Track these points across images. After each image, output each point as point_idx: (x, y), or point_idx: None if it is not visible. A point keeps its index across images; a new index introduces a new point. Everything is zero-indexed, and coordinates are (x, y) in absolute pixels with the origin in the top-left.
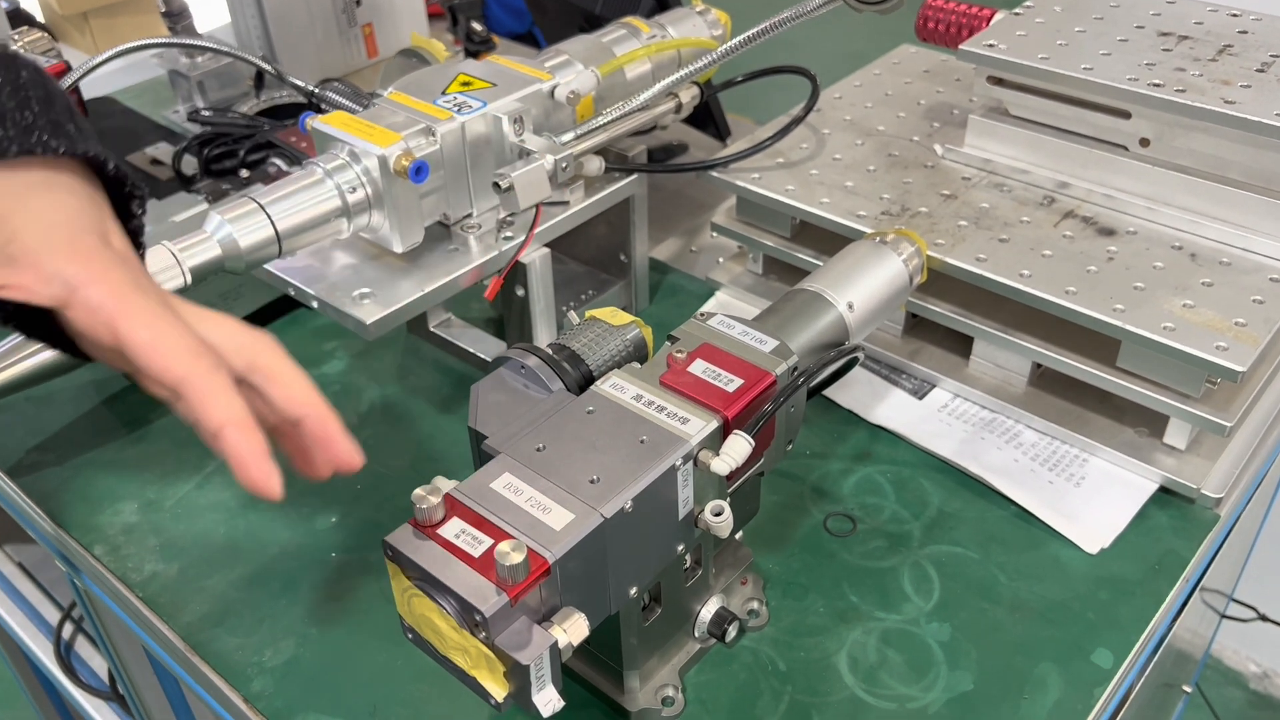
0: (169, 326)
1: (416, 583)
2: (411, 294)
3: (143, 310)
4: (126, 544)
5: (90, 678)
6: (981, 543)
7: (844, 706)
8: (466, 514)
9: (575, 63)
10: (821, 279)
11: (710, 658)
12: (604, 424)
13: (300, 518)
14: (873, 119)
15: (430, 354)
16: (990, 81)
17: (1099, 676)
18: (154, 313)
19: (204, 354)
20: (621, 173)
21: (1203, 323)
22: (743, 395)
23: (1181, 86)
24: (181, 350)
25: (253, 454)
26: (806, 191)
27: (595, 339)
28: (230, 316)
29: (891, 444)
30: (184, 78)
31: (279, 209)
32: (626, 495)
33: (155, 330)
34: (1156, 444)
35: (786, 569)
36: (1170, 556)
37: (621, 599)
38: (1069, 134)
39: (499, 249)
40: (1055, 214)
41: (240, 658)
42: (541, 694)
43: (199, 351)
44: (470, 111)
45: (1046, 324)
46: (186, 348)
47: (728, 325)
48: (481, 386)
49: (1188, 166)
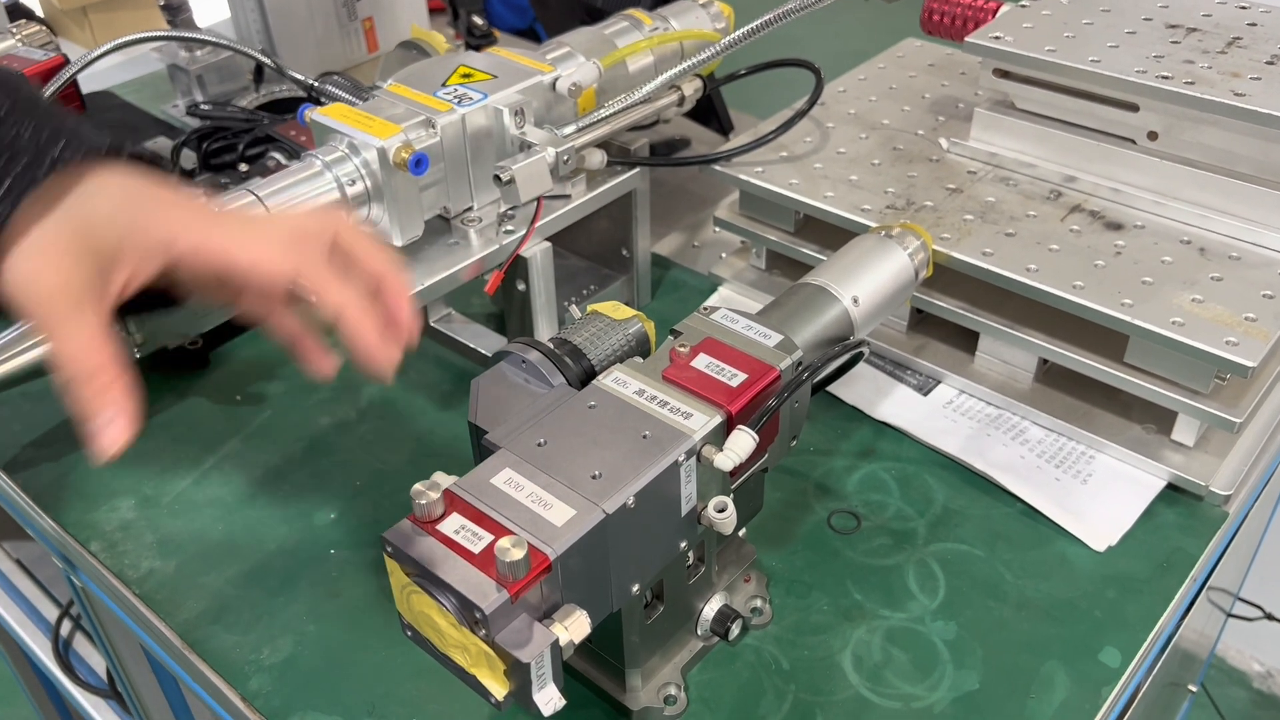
0: (260, 240)
1: (415, 579)
2: (411, 288)
3: (233, 237)
4: (123, 540)
5: (89, 675)
6: (987, 540)
7: (848, 706)
8: (466, 509)
9: (577, 55)
10: (826, 273)
11: (713, 656)
12: (606, 419)
13: (299, 514)
14: (877, 112)
15: (430, 349)
16: (996, 74)
17: (1107, 676)
18: (243, 235)
19: (303, 248)
20: (623, 166)
21: (1212, 318)
22: (746, 390)
23: (1190, 79)
24: (280, 254)
25: (370, 329)
26: (810, 185)
27: (597, 333)
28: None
29: (896, 440)
30: (183, 72)
31: (277, 201)
32: (629, 491)
33: (250, 250)
34: (1164, 440)
35: (790, 566)
36: (1178, 554)
37: (623, 596)
38: (1076, 127)
39: (500, 243)
40: (1062, 208)
41: (238, 655)
42: (542, 693)
43: (298, 248)
44: (471, 104)
45: (1053, 319)
46: (284, 250)
47: (731, 319)
48: (482, 381)
49: (1196, 160)
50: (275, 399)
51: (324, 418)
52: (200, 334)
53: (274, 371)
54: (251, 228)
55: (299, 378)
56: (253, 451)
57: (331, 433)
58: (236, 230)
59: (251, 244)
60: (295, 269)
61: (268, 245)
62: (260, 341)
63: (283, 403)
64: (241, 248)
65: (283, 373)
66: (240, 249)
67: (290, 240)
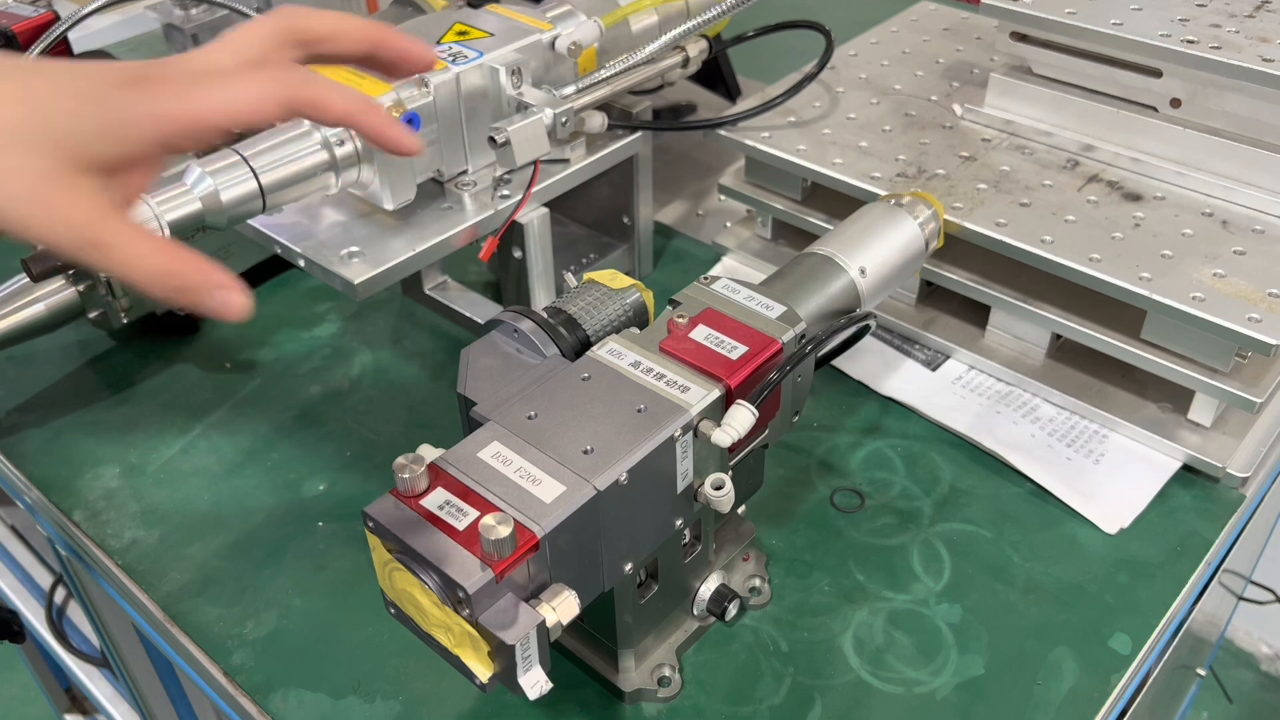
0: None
1: (397, 556)
2: (402, 253)
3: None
4: (107, 510)
5: (82, 643)
6: (995, 521)
7: (848, 690)
8: (451, 484)
9: (578, 13)
10: (833, 242)
11: (709, 637)
12: (599, 392)
13: (286, 485)
14: (889, 77)
15: (425, 317)
16: (1014, 38)
17: (1116, 663)
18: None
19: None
20: (625, 130)
21: (1234, 293)
22: (747, 363)
23: (1216, 43)
24: (260, 91)
25: (383, 118)
26: (818, 152)
27: (593, 303)
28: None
29: (903, 417)
30: (178, 30)
31: (263, 161)
32: (622, 467)
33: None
34: (1180, 420)
35: (791, 546)
36: (1193, 538)
37: (616, 576)
38: (1095, 94)
39: (495, 208)
40: (1079, 178)
41: (221, 629)
42: (528, 675)
43: (271, 73)
44: (466, 62)
45: (1068, 293)
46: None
47: (732, 290)
48: (472, 350)
49: (1221, 128)
50: (265, 367)
51: (315, 387)
52: None
53: (265, 339)
54: (223, 78)
55: (291, 345)
56: (241, 420)
57: (322, 402)
58: (211, 85)
59: (229, 93)
60: (281, 102)
61: (244, 87)
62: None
63: (273, 371)
64: (222, 101)
65: (274, 340)
66: (221, 103)
67: (267, 76)
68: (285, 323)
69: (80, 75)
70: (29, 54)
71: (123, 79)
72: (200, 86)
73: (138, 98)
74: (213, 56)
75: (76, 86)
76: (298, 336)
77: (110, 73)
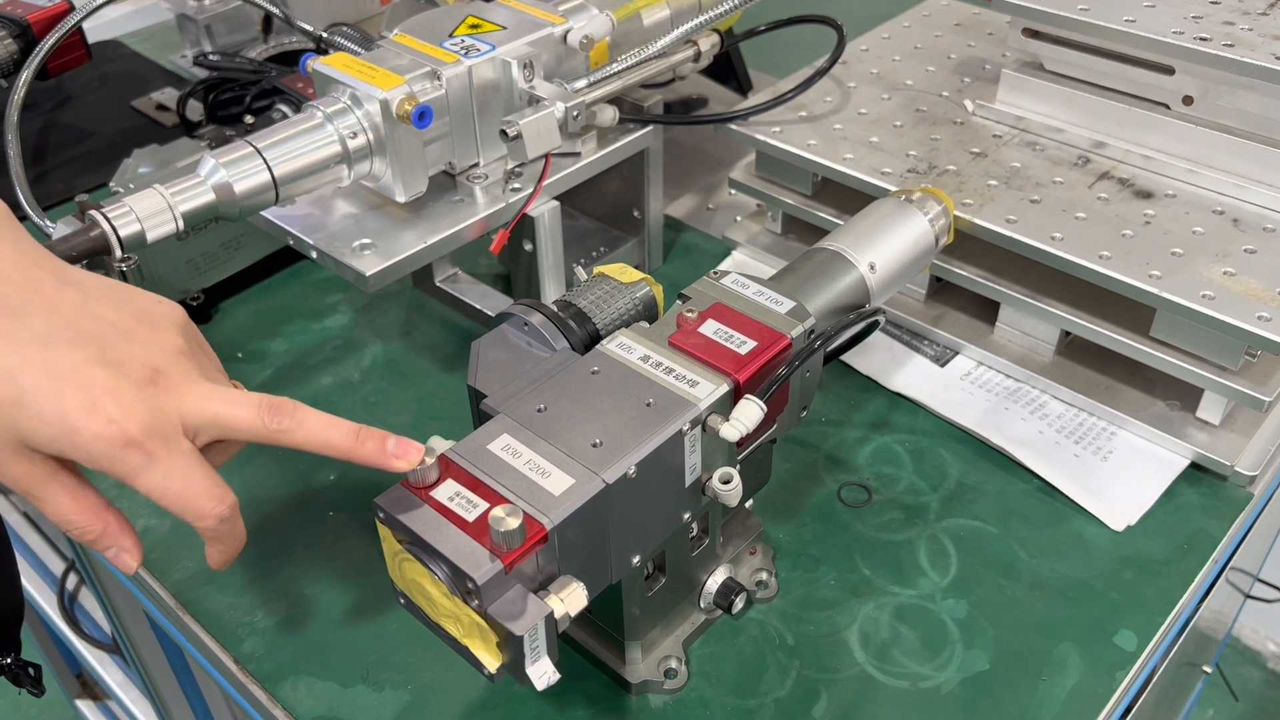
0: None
1: (407, 547)
2: (413, 246)
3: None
4: (119, 498)
5: (93, 629)
6: (1002, 517)
7: (853, 683)
8: (462, 476)
9: (590, 7)
10: (842, 238)
11: (716, 629)
12: (609, 385)
13: (297, 474)
14: (901, 73)
15: (436, 309)
16: (1026, 34)
17: (1121, 659)
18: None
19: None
20: (636, 124)
21: (1244, 291)
22: (755, 358)
23: (1230, 41)
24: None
25: (378, 447)
26: (829, 147)
27: (603, 296)
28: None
29: (911, 412)
30: (192, 21)
31: (276, 153)
32: (630, 460)
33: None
34: (1189, 418)
35: (797, 539)
36: (1200, 536)
37: (623, 568)
38: (1107, 91)
39: (506, 201)
40: (1090, 175)
41: (231, 617)
42: (536, 666)
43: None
44: (478, 55)
45: (1077, 290)
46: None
47: (742, 284)
48: (483, 343)
49: (1233, 127)
50: (277, 357)
51: (326, 377)
52: (202, 289)
53: (277, 329)
54: (177, 478)
55: (302, 336)
56: None
57: (334, 393)
58: (159, 483)
59: (178, 495)
60: (219, 517)
61: (194, 497)
62: (263, 298)
63: (285, 361)
64: (165, 498)
65: (286, 330)
66: (165, 500)
67: (211, 493)
68: (296, 314)
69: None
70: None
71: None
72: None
73: (113, 461)
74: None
75: (62, 395)
76: (309, 328)
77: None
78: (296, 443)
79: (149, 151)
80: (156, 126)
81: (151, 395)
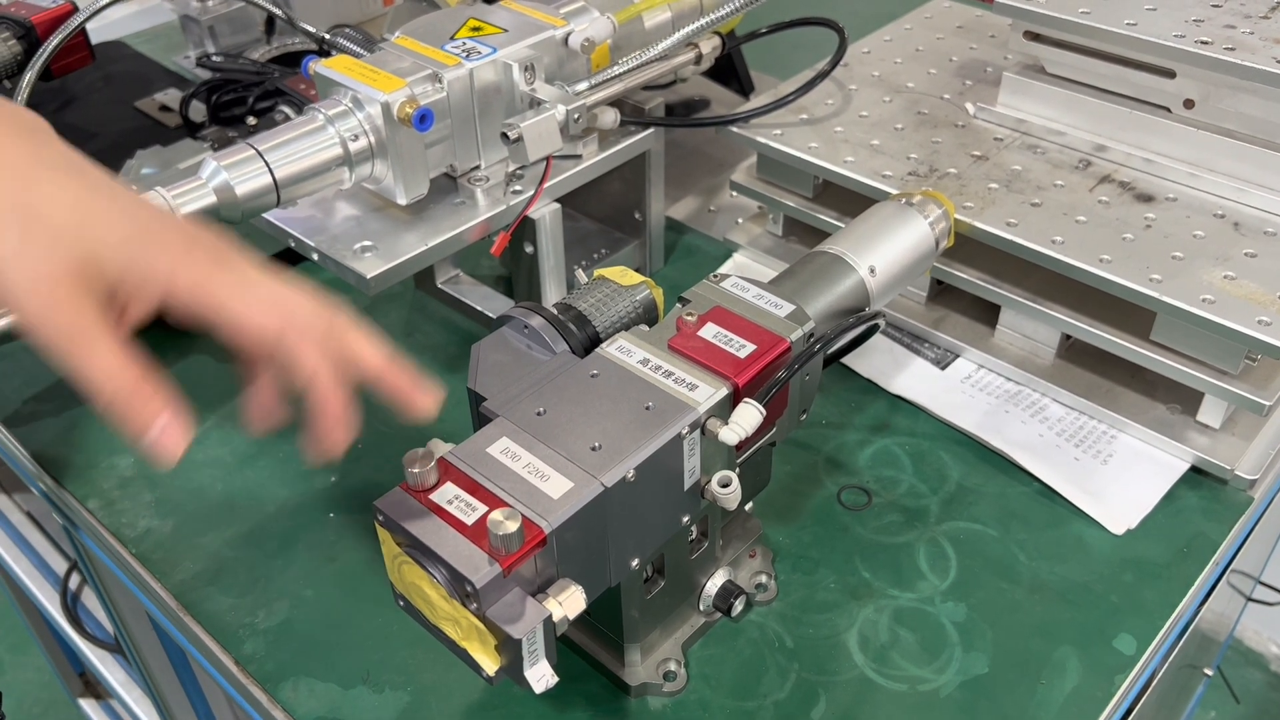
0: (252, 296)
1: (406, 549)
2: (415, 248)
3: (228, 288)
4: (121, 499)
5: (96, 629)
6: (1002, 520)
7: (852, 686)
8: (460, 479)
9: (591, 9)
10: (843, 241)
11: (715, 632)
12: (608, 388)
13: (299, 476)
14: (902, 75)
15: (438, 311)
16: (1027, 37)
17: (1121, 663)
18: (238, 287)
19: (293, 316)
20: (637, 126)
21: (1244, 295)
22: (755, 362)
23: (1231, 44)
24: (267, 314)
25: (337, 405)
26: (830, 149)
27: (603, 299)
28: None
29: (911, 415)
30: (195, 22)
31: (277, 156)
32: (629, 464)
33: (240, 304)
34: (1189, 422)
35: (797, 542)
36: (1200, 539)
37: (622, 571)
38: (1108, 94)
39: (507, 203)
40: (1091, 178)
41: (233, 618)
42: (534, 669)
43: (288, 313)
44: (479, 58)
45: (1078, 294)
46: (273, 311)
47: (742, 288)
48: (482, 346)
49: (1234, 130)
50: None
51: None
52: None
53: None
54: (249, 284)
55: None
56: None
57: None
58: (234, 281)
59: (244, 299)
60: (278, 331)
61: (259, 303)
62: None
63: None
64: (232, 299)
65: None
66: (231, 301)
67: (283, 305)
68: None
69: (142, 211)
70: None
71: (185, 238)
72: (238, 283)
73: (185, 262)
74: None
75: (135, 215)
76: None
77: (178, 227)
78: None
79: (152, 152)
80: (160, 127)
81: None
